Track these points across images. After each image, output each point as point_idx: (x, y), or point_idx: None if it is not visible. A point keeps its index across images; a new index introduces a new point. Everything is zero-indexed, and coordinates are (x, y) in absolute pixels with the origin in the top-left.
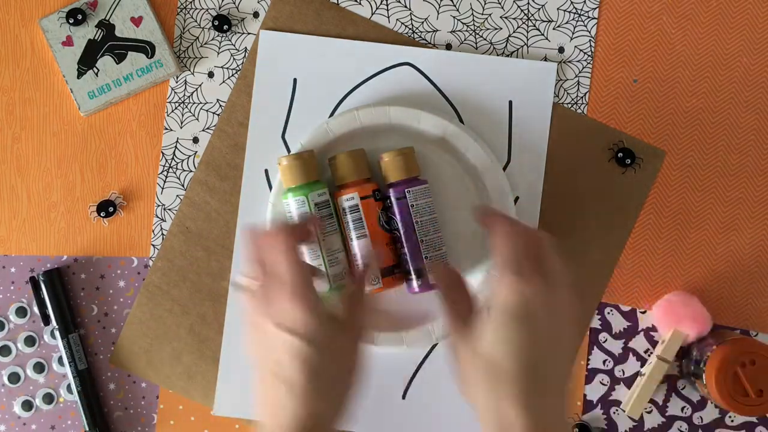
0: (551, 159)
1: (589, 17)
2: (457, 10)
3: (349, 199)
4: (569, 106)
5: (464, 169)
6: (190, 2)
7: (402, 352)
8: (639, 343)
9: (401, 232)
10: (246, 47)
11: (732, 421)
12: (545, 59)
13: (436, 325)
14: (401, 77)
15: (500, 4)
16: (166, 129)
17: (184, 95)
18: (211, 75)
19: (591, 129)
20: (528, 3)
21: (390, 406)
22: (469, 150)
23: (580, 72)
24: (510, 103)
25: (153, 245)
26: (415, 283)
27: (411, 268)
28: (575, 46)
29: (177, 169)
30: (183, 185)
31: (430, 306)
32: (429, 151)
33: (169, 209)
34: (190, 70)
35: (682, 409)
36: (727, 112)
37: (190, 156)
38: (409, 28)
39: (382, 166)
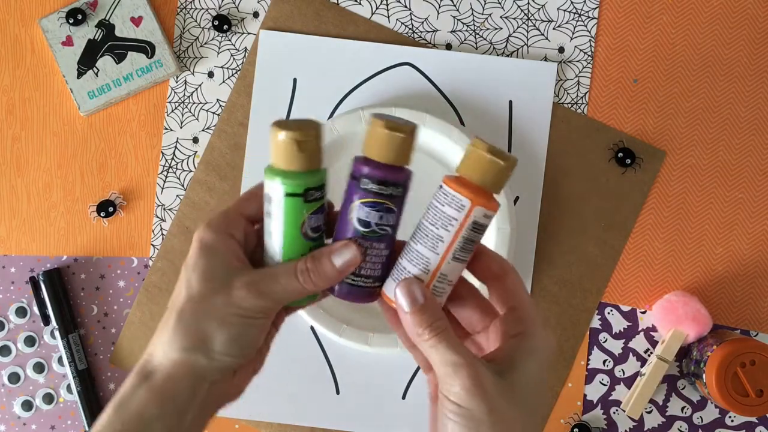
0: (551, 159)
1: (589, 17)
2: (457, 10)
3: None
4: (569, 106)
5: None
6: (190, 2)
7: (396, 354)
8: (639, 343)
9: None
10: (246, 47)
11: (732, 421)
12: (545, 59)
13: None
14: (401, 77)
15: (500, 4)
16: (166, 129)
17: (184, 95)
18: (211, 75)
19: (591, 129)
20: (528, 3)
21: (390, 406)
22: None
23: (580, 72)
24: (510, 103)
25: (153, 245)
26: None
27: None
28: (575, 46)
29: (177, 169)
30: (183, 185)
31: None
32: (428, 155)
33: (169, 209)
34: (190, 70)
35: (682, 409)
36: (727, 112)
37: (190, 156)
38: (409, 28)
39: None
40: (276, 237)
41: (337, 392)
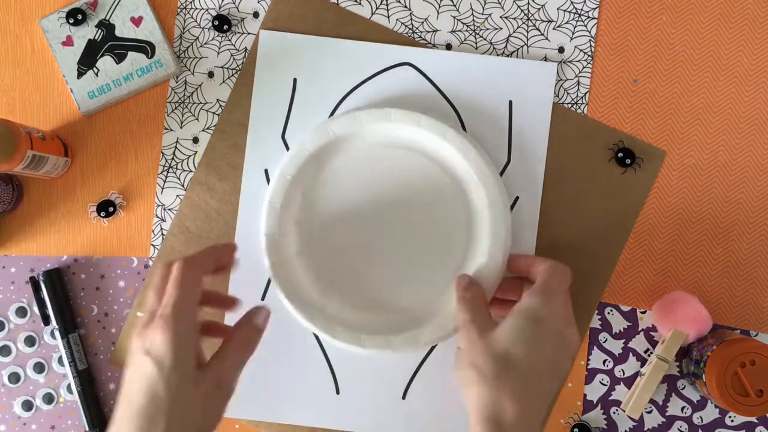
0: (551, 159)
1: (589, 17)
2: (457, 10)
3: None
4: (569, 106)
5: (459, 174)
6: (190, 2)
7: (389, 355)
8: (639, 343)
9: None
10: (246, 47)
11: (732, 421)
12: (545, 59)
13: (424, 330)
14: (401, 77)
15: (500, 4)
16: (166, 129)
17: (184, 95)
18: (211, 75)
19: (591, 129)
20: (528, 3)
21: (390, 406)
22: (469, 156)
23: (580, 72)
24: (510, 103)
25: (153, 245)
26: None
27: None
28: (575, 46)
29: (177, 169)
30: (183, 185)
31: (419, 312)
32: (425, 155)
33: (169, 209)
34: (190, 70)
35: (682, 409)
36: (728, 112)
37: (190, 156)
38: (409, 28)
39: None
40: None
41: (337, 392)
